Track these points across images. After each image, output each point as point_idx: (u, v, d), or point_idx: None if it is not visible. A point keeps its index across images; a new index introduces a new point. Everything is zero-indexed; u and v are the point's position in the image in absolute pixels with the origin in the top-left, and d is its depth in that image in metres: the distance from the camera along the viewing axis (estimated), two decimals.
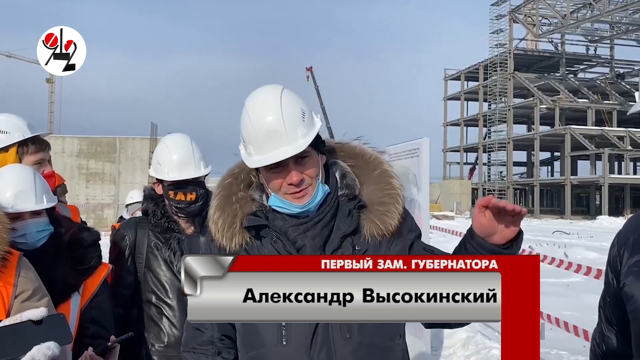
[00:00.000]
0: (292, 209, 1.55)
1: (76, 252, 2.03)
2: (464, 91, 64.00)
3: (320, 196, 1.56)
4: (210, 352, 1.66)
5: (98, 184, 26.27)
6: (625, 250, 1.41)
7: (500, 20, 57.85)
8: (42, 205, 1.93)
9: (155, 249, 2.49)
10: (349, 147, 1.72)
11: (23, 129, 2.39)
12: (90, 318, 2.01)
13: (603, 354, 1.56)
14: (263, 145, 1.52)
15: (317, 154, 1.59)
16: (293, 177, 1.52)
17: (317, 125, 1.58)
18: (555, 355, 6.02)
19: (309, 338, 1.48)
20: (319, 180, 1.57)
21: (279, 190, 1.55)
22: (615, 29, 53.83)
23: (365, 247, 1.55)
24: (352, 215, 1.57)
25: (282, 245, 1.55)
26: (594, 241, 21.95)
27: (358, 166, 1.67)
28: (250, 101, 1.57)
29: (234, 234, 1.59)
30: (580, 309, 7.91)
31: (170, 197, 2.48)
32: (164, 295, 2.44)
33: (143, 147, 26.67)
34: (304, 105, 1.59)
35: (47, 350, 1.42)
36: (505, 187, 55.73)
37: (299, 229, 1.56)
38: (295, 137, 1.51)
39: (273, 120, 1.51)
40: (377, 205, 1.59)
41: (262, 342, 1.52)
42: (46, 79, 59.16)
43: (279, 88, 1.57)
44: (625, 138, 50.12)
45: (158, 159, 2.52)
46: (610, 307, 1.50)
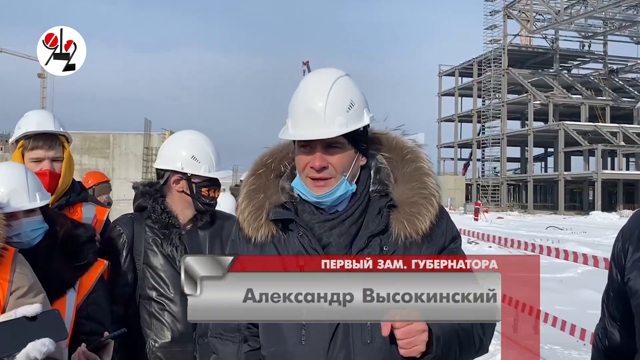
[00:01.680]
0: (308, 196, 1.52)
1: (71, 248, 2.01)
2: (458, 87, 64.06)
3: (341, 193, 1.51)
4: (236, 339, 1.64)
5: None
6: (630, 245, 1.41)
7: (495, 16, 57.93)
8: (36, 204, 1.91)
9: (154, 245, 2.48)
10: (387, 139, 1.65)
11: (31, 124, 2.39)
12: (86, 315, 1.99)
13: (606, 349, 1.56)
14: (299, 121, 1.50)
15: (353, 150, 1.53)
16: (316, 160, 1.48)
17: (363, 121, 1.53)
18: (548, 350, 6.05)
19: (327, 340, 1.45)
20: (345, 177, 1.51)
21: (303, 171, 1.52)
22: (609, 25, 54.00)
23: (394, 249, 1.50)
24: (382, 214, 1.52)
25: (307, 242, 1.51)
26: (587, 236, 22.05)
27: (395, 160, 1.61)
28: (305, 78, 1.57)
29: (260, 225, 1.56)
30: (574, 304, 7.97)
31: (202, 194, 2.49)
32: (165, 291, 2.43)
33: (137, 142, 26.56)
34: (357, 98, 1.53)
35: (41, 347, 1.41)
36: (499, 183, 55.90)
37: (325, 225, 1.52)
38: (331, 124, 1.47)
39: (316, 101, 1.49)
40: (406, 205, 1.52)
41: (284, 339, 1.50)
42: (38, 74, 58.82)
43: (338, 73, 1.55)
44: (618, 134, 50.35)
45: (195, 154, 2.48)
46: (614, 302, 1.50)
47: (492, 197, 54.73)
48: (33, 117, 2.44)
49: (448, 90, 65.80)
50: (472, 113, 61.29)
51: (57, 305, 1.88)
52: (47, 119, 2.44)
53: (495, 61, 56.15)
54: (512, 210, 49.66)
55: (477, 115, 59.96)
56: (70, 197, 2.48)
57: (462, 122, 64.51)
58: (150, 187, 2.56)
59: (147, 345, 2.40)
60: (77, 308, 1.98)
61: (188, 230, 2.52)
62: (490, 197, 54.45)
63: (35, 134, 2.37)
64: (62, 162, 2.42)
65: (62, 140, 2.46)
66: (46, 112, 2.53)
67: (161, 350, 2.40)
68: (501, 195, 55.03)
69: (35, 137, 2.37)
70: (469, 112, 62.12)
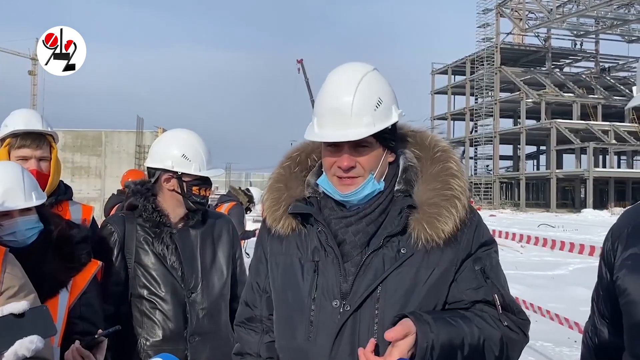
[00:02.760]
0: (334, 194, 1.49)
1: (65, 248, 2.01)
2: (451, 85, 64.21)
3: (368, 192, 1.47)
4: (259, 329, 1.66)
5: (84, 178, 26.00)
6: (619, 244, 1.42)
7: (487, 15, 58.07)
8: (31, 203, 1.91)
9: (145, 244, 2.47)
10: (421, 137, 1.60)
11: (19, 123, 2.38)
12: (79, 315, 1.99)
13: (595, 347, 1.58)
14: (326, 121, 1.46)
15: (381, 148, 1.48)
16: (344, 161, 1.45)
17: (391, 119, 1.47)
18: (540, 346, 6.09)
19: (332, 339, 1.43)
20: (373, 175, 1.47)
21: (329, 170, 1.49)
22: (601, 23, 54.28)
23: (412, 252, 1.44)
24: (402, 215, 1.46)
25: (324, 237, 1.49)
26: (579, 234, 22.19)
27: (424, 160, 1.55)
28: (332, 74, 1.51)
29: (279, 217, 1.57)
30: (565, 301, 8.02)
31: (193, 193, 2.48)
32: (156, 290, 2.43)
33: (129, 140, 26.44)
34: (385, 95, 1.47)
35: (30, 344, 1.40)
36: (491, 181, 56.10)
37: (342, 222, 1.49)
38: (359, 124, 1.42)
39: (342, 100, 1.44)
40: (426, 206, 1.46)
41: (293, 334, 1.51)
42: (28, 71, 58.36)
43: (365, 69, 1.48)
44: (610, 132, 50.65)
45: (185, 153, 2.48)
46: (604, 300, 1.51)
47: (485, 195, 54.93)
48: (20, 116, 2.43)
49: (441, 89, 65.93)
50: (464, 111, 61.45)
51: (49, 305, 1.86)
52: (35, 118, 2.44)
53: (487, 59, 56.31)
54: (505, 208, 49.87)
55: (469, 113, 60.12)
56: (59, 196, 2.48)
57: (455, 120, 64.66)
58: (142, 186, 2.56)
59: (138, 344, 2.40)
60: (70, 308, 1.97)
61: (179, 229, 2.52)
62: (483, 195, 54.65)
63: (22, 133, 2.36)
64: (48, 162, 2.42)
65: (49, 140, 2.45)
66: (34, 112, 2.52)
67: (152, 349, 2.39)
68: (494, 193, 55.24)
69: (23, 136, 2.36)
70: (462, 110, 62.27)
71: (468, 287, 1.47)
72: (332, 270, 1.47)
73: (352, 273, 1.45)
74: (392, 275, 1.43)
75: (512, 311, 1.48)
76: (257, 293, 1.67)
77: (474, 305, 1.47)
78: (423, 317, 1.36)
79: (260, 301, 1.66)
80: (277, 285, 1.58)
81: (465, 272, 1.48)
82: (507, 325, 1.46)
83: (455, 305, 1.47)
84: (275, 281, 1.59)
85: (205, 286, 2.48)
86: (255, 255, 1.72)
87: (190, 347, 2.41)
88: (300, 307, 1.49)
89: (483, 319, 1.44)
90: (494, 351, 1.42)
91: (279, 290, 1.57)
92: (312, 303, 1.47)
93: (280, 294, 1.57)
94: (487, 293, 1.47)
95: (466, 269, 1.48)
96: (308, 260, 1.51)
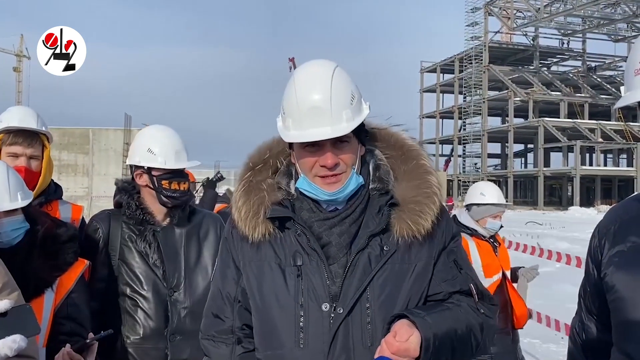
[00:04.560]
0: (319, 194, 1.46)
1: (50, 247, 1.98)
2: (440, 83, 64.41)
3: (353, 187, 1.46)
4: (230, 341, 1.59)
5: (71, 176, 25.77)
6: (606, 241, 1.42)
7: (476, 13, 58.29)
8: (17, 204, 1.88)
9: (130, 241, 2.47)
10: (387, 135, 1.60)
11: (13, 119, 2.37)
12: (65, 315, 1.97)
13: (583, 343, 1.59)
14: (304, 121, 1.41)
15: (357, 143, 1.48)
16: (328, 159, 1.42)
17: (364, 112, 1.47)
18: (527, 343, 6.13)
19: (327, 343, 1.41)
20: (354, 170, 1.47)
21: (310, 172, 1.45)
22: (587, 23, 54.71)
23: (394, 249, 1.46)
24: (383, 213, 1.47)
25: (306, 240, 1.46)
26: (566, 231, 22.40)
27: (394, 158, 1.55)
28: (299, 73, 1.47)
29: (258, 223, 1.50)
30: (553, 298, 8.09)
31: (164, 187, 2.46)
32: (138, 288, 2.42)
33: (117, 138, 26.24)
34: (354, 89, 1.47)
35: (12, 344, 1.37)
36: (479, 179, 56.31)
37: (325, 224, 1.47)
38: (340, 120, 1.40)
39: (320, 97, 1.41)
40: (411, 204, 1.47)
41: (280, 342, 1.46)
42: (13, 67, 57.69)
43: (332, 65, 1.47)
44: (596, 130, 51.10)
45: (150, 147, 2.47)
46: (591, 296, 1.52)
47: None
48: (16, 113, 2.42)
49: (430, 87, 66.12)
50: (453, 109, 61.68)
51: (35, 304, 1.84)
52: (30, 116, 2.43)
53: (476, 58, 56.54)
54: None
55: (458, 112, 60.36)
56: (48, 195, 2.46)
57: (443, 119, 64.90)
58: (129, 184, 2.55)
59: (119, 341, 2.39)
60: (56, 308, 1.95)
61: (164, 227, 2.51)
62: None
63: (16, 130, 2.36)
64: (40, 161, 2.41)
65: (42, 139, 2.44)
66: (30, 110, 2.51)
67: (133, 347, 2.39)
68: None
69: (16, 133, 2.35)
70: (451, 109, 62.51)
71: (445, 278, 1.51)
72: (318, 274, 1.44)
73: (339, 275, 1.43)
74: (379, 273, 1.44)
75: (485, 298, 1.53)
76: (227, 303, 1.60)
77: (451, 296, 1.50)
78: (420, 314, 1.38)
79: (231, 311, 1.59)
80: (256, 292, 1.52)
81: (441, 265, 1.51)
82: (483, 313, 1.51)
83: (434, 297, 1.50)
84: (253, 289, 1.52)
85: (188, 285, 2.45)
86: (221, 263, 1.64)
87: (170, 346, 2.40)
88: (287, 314, 1.45)
89: (464, 309, 1.48)
90: (477, 337, 1.48)
91: (259, 298, 1.51)
92: (300, 308, 1.43)
93: (261, 302, 1.51)
94: (462, 283, 1.51)
95: (441, 261, 1.52)
96: (289, 265, 1.47)
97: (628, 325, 1.31)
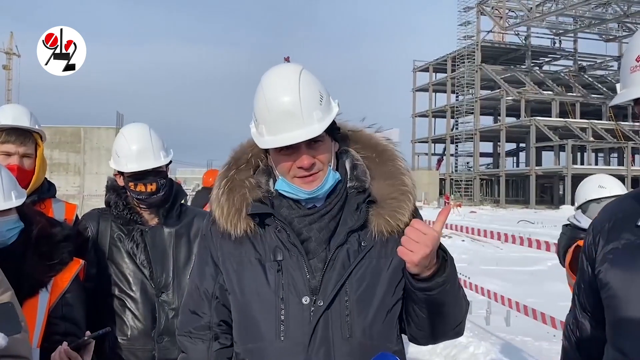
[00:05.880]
0: (299, 194, 1.50)
1: (45, 247, 1.96)
2: (432, 83, 64.57)
3: (331, 183, 1.51)
4: (207, 337, 1.61)
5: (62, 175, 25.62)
6: (600, 238, 1.43)
7: (468, 13, 58.47)
8: (11, 204, 1.85)
9: (118, 241, 2.45)
10: (362, 136, 1.65)
11: (6, 118, 2.35)
12: (60, 315, 1.94)
13: (577, 340, 1.60)
14: (276, 126, 1.45)
15: (330, 140, 1.53)
16: (304, 160, 1.46)
17: (334, 110, 1.51)
18: (519, 341, 6.16)
19: (307, 335, 1.44)
20: (331, 167, 1.52)
21: (288, 174, 1.50)
22: (579, 22, 55.02)
23: (372, 244, 1.50)
24: (361, 210, 1.52)
25: (286, 236, 1.50)
26: (558, 230, 22.34)
27: (370, 158, 1.60)
28: (267, 78, 1.50)
29: (239, 220, 1.53)
30: (544, 296, 8.13)
31: (131, 189, 2.44)
32: (126, 288, 2.41)
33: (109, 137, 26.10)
34: (322, 89, 1.51)
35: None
36: (472, 178, 56.58)
37: (305, 220, 1.51)
38: (311, 121, 1.44)
39: (289, 101, 1.44)
40: (388, 200, 1.53)
41: (260, 335, 1.48)
42: (2, 65, 57.33)
43: (298, 67, 1.50)
44: (588, 129, 51.42)
45: (116, 150, 2.47)
46: (585, 293, 1.52)
47: (465, 191, 55.41)
48: (9, 111, 2.40)
49: (422, 86, 66.27)
50: (445, 108, 61.86)
51: (29, 305, 1.84)
52: (23, 114, 2.41)
53: (468, 57, 56.73)
54: (485, 205, 50.37)
55: (450, 111, 60.54)
56: (42, 194, 2.45)
57: (436, 118, 65.07)
58: (118, 183, 2.53)
59: (107, 342, 2.37)
60: (51, 308, 1.92)
61: (152, 227, 2.48)
62: (464, 192, 55.12)
63: (8, 128, 2.34)
64: (33, 159, 2.40)
65: (35, 137, 2.43)
66: (23, 108, 2.49)
67: (120, 347, 2.37)
68: (474, 190, 55.74)
69: (9, 131, 2.34)
70: (443, 108, 62.68)
71: None
72: (298, 268, 1.47)
73: (319, 269, 1.47)
74: (357, 267, 1.48)
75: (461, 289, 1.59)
76: (204, 299, 1.62)
77: None
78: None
79: (208, 307, 1.61)
80: (237, 287, 1.54)
81: None
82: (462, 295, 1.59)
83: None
84: (233, 283, 1.55)
85: (177, 286, 2.42)
86: (199, 260, 1.66)
87: (158, 347, 2.38)
88: (268, 307, 1.48)
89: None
90: (466, 304, 1.56)
91: (239, 292, 1.53)
92: (281, 302, 1.46)
93: (241, 296, 1.53)
94: None
95: None
96: (269, 260, 1.50)
97: (622, 322, 1.32)
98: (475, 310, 7.45)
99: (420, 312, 1.48)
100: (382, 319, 1.48)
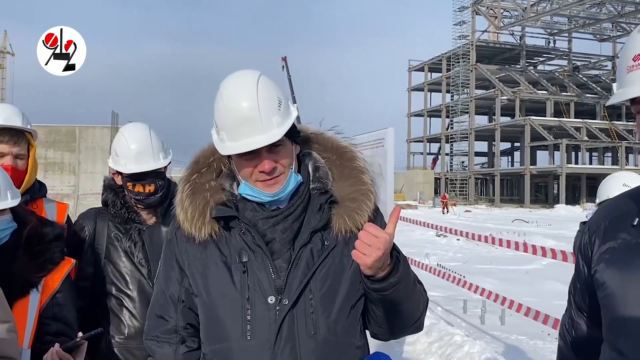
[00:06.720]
0: (262, 197, 1.52)
1: (36, 247, 1.94)
2: (428, 82, 64.73)
3: (292, 186, 1.54)
4: (173, 341, 1.62)
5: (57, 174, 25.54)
6: (596, 238, 1.43)
7: (463, 13, 58.66)
8: (7, 204, 1.83)
9: (115, 240, 2.44)
10: (323, 139, 1.68)
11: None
12: (52, 315, 1.93)
13: (572, 340, 1.60)
14: (236, 132, 1.47)
15: (291, 144, 1.56)
16: (265, 165, 1.49)
17: (293, 114, 1.55)
18: (514, 339, 6.18)
19: (274, 334, 1.46)
20: (292, 169, 1.55)
21: (250, 178, 1.52)
22: (573, 22, 55.25)
23: (334, 243, 1.54)
24: (323, 210, 1.56)
25: (251, 238, 1.52)
26: (552, 229, 22.61)
27: (331, 160, 1.64)
28: (225, 86, 1.52)
29: (204, 223, 1.55)
30: (539, 295, 8.15)
31: (129, 189, 2.44)
32: (124, 287, 2.40)
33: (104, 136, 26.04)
34: (280, 94, 1.54)
35: None
36: (467, 177, 56.75)
37: (269, 221, 1.53)
38: (270, 126, 1.47)
39: (248, 107, 1.46)
40: (348, 201, 1.57)
41: (227, 335, 1.50)
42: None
43: (256, 74, 1.52)
44: (582, 129, 51.66)
45: (116, 150, 2.46)
46: (581, 293, 1.52)
47: (460, 190, 55.58)
48: (1, 111, 2.38)
49: (418, 86, 66.43)
50: (441, 108, 62.01)
51: (20, 305, 1.82)
52: (15, 114, 2.40)
53: (463, 57, 56.90)
54: (480, 204, 50.53)
55: (445, 110, 60.70)
56: (33, 194, 2.44)
57: (431, 117, 65.24)
58: (115, 182, 2.52)
59: (104, 340, 2.36)
60: (42, 308, 1.91)
61: (150, 226, 2.48)
62: (459, 191, 55.28)
63: (1, 128, 2.32)
64: (25, 159, 2.38)
65: (27, 137, 2.42)
66: (15, 108, 2.47)
67: (118, 346, 2.38)
68: (469, 189, 55.92)
69: (1, 132, 2.32)
70: (438, 107, 62.84)
71: None
72: (263, 269, 1.50)
73: (284, 269, 1.50)
74: (321, 266, 1.51)
75: (420, 284, 1.63)
76: (170, 303, 1.63)
77: None
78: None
79: (175, 311, 1.63)
80: (202, 289, 1.56)
81: None
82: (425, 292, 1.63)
83: None
84: (199, 286, 1.56)
85: None
86: (164, 264, 1.68)
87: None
88: (234, 308, 1.49)
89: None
90: (423, 300, 1.60)
91: (205, 294, 1.55)
92: (247, 302, 1.49)
93: (207, 298, 1.55)
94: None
95: None
96: (234, 262, 1.52)
97: (618, 321, 1.32)
98: (470, 309, 7.47)
99: (378, 311, 1.52)
100: (345, 315, 1.51)
